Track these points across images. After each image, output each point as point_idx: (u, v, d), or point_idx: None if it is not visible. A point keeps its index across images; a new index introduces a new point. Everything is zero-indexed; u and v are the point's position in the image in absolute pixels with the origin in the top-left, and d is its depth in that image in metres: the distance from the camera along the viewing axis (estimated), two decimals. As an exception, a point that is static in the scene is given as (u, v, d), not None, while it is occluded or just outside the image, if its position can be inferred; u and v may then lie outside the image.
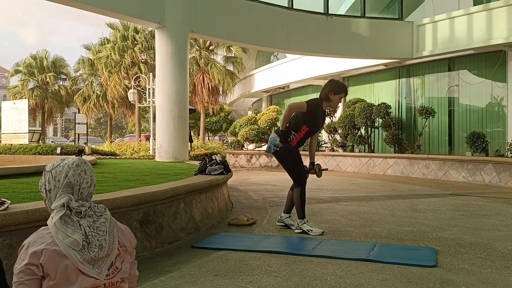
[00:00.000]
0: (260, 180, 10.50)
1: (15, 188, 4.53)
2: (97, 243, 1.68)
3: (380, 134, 14.58)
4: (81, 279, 1.61)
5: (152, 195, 3.96)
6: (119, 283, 1.75)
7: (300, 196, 4.71)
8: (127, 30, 26.67)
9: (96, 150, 14.88)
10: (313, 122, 4.68)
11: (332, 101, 4.75)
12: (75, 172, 1.77)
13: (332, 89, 4.69)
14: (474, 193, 8.31)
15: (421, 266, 3.44)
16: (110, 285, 1.69)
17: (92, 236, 1.67)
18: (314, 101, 4.73)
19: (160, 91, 10.42)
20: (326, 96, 4.73)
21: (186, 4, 10.39)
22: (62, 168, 1.76)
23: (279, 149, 4.67)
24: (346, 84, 4.92)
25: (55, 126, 64.93)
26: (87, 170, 1.80)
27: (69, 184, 1.75)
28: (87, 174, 1.80)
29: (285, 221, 4.89)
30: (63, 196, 1.71)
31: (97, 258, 1.66)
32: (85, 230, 1.67)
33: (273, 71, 20.33)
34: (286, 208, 4.93)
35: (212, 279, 3.14)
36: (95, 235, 1.69)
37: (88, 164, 1.81)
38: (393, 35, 13.39)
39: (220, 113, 34.94)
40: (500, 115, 12.34)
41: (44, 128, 35.92)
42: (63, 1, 8.96)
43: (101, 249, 1.68)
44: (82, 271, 1.61)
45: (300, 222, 4.70)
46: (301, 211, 4.70)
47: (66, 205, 1.69)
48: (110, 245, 1.72)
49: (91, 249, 1.66)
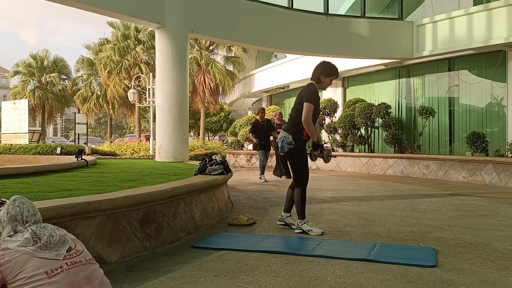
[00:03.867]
0: (260, 180, 10.50)
1: (15, 188, 4.53)
2: (47, 234, 2.07)
3: (380, 134, 14.58)
4: (37, 262, 1.97)
5: (152, 195, 3.96)
6: (87, 263, 2.13)
7: (301, 196, 4.71)
8: (128, 30, 26.67)
9: (96, 150, 14.89)
10: (314, 111, 4.64)
11: (323, 83, 4.73)
12: (13, 206, 2.16)
13: (323, 72, 4.70)
14: (474, 193, 8.31)
15: (421, 266, 3.44)
16: (74, 263, 2.05)
17: (40, 232, 2.05)
18: (310, 91, 4.66)
19: (160, 91, 10.42)
20: (317, 78, 4.72)
21: (186, 4, 10.39)
22: (4, 210, 2.16)
23: (292, 147, 4.66)
24: (336, 66, 4.86)
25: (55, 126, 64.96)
26: (24, 202, 2.20)
27: (12, 217, 2.12)
28: (25, 205, 2.19)
29: (286, 220, 4.90)
30: (9, 227, 2.11)
31: (51, 244, 2.04)
32: (33, 230, 2.06)
33: (273, 71, 20.32)
34: (286, 207, 4.94)
35: (212, 279, 3.14)
36: (42, 231, 2.07)
37: (24, 198, 2.23)
38: (393, 35, 13.39)
39: (220, 113, 34.96)
40: (500, 115, 12.34)
41: (44, 128, 35.94)
42: (63, 1, 8.97)
43: (52, 237, 2.07)
44: (40, 257, 1.98)
45: (300, 222, 4.71)
46: (301, 212, 4.70)
47: (12, 229, 2.09)
48: (61, 236, 2.10)
49: (42, 239, 2.03)
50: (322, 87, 4.78)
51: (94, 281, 2.10)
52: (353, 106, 14.29)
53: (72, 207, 3.17)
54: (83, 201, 3.32)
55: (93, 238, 3.34)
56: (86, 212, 3.30)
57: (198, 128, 31.97)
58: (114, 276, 3.16)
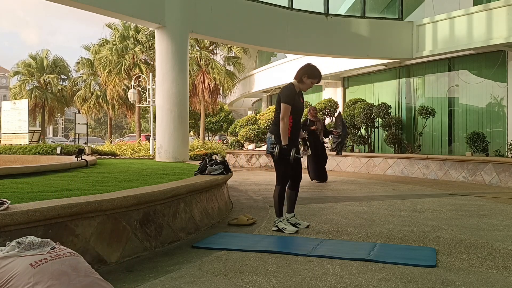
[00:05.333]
0: (260, 180, 10.50)
1: (15, 188, 4.53)
2: (30, 239, 2.20)
3: (380, 134, 14.58)
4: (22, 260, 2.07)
5: (152, 195, 3.96)
6: (72, 255, 2.20)
7: (279, 195, 4.79)
8: (127, 30, 26.65)
9: (96, 150, 14.88)
10: (294, 109, 4.70)
11: (305, 84, 4.78)
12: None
13: (306, 73, 4.76)
14: (474, 193, 8.31)
15: (421, 266, 3.44)
16: (58, 255, 2.14)
17: (23, 240, 2.19)
18: (285, 92, 4.72)
19: (160, 91, 10.42)
20: (299, 78, 4.78)
21: (186, 4, 10.39)
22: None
23: (274, 146, 4.70)
24: (320, 71, 4.88)
25: (55, 126, 64.97)
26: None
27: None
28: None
29: (290, 220, 4.92)
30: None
31: (35, 246, 2.16)
32: (16, 240, 2.20)
33: (273, 71, 20.33)
34: (288, 207, 4.98)
35: (212, 279, 3.14)
36: (25, 239, 2.20)
37: None
38: (393, 35, 13.39)
39: (220, 113, 34.95)
40: (500, 115, 12.34)
41: (44, 128, 35.92)
42: (63, 1, 8.97)
43: (34, 240, 2.20)
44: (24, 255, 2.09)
45: (277, 220, 4.81)
46: (278, 209, 4.80)
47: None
48: (43, 240, 2.22)
49: (24, 243, 2.16)
50: (302, 87, 4.83)
51: (80, 270, 2.14)
52: (353, 106, 14.29)
53: (72, 207, 3.17)
54: (83, 201, 3.32)
55: (93, 238, 3.34)
56: (86, 212, 3.30)
57: (198, 128, 31.96)
58: (114, 276, 3.16)
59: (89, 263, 2.32)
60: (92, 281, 2.14)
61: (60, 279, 2.01)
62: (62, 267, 2.06)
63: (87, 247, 3.27)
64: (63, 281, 2.01)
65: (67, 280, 2.02)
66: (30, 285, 1.95)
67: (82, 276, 2.10)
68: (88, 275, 2.15)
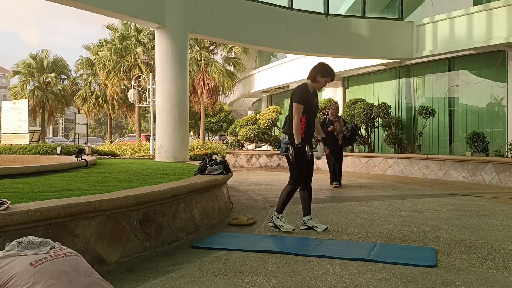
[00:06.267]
0: (260, 180, 10.50)
1: (15, 188, 4.53)
2: (29, 238, 2.21)
3: (380, 134, 14.58)
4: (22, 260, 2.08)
5: (152, 195, 3.96)
6: (72, 255, 2.21)
7: (288, 193, 4.77)
8: (127, 30, 26.63)
9: (96, 150, 14.89)
10: (307, 108, 4.72)
11: (318, 83, 4.83)
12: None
13: (319, 71, 4.81)
14: (474, 193, 8.30)
15: (421, 266, 3.44)
16: (58, 255, 2.15)
17: (22, 240, 2.20)
18: (298, 92, 4.76)
19: (160, 91, 10.42)
20: (313, 77, 4.83)
21: (186, 4, 10.39)
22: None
23: (288, 146, 4.69)
24: (333, 70, 4.92)
25: (55, 126, 64.97)
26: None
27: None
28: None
29: (308, 223, 4.87)
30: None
31: (34, 245, 2.17)
32: (16, 240, 2.21)
33: (273, 71, 20.32)
34: (304, 210, 4.92)
35: (212, 279, 3.14)
36: (24, 239, 2.21)
37: None
38: (393, 35, 13.39)
39: (220, 113, 34.95)
40: (500, 115, 12.34)
41: (44, 128, 35.91)
42: (63, 1, 8.97)
43: (34, 239, 2.21)
44: (24, 255, 2.10)
45: (275, 215, 4.80)
46: (281, 206, 4.79)
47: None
48: (43, 239, 2.23)
49: (24, 242, 2.17)
50: (316, 86, 4.87)
51: (80, 270, 2.14)
52: (353, 106, 14.29)
53: (72, 207, 3.17)
54: (83, 201, 3.32)
55: (93, 238, 3.34)
56: (86, 212, 3.30)
57: (198, 128, 31.97)
58: (114, 276, 3.16)
59: (89, 263, 2.32)
60: (92, 281, 2.14)
61: (60, 279, 2.02)
62: (62, 266, 2.07)
63: (87, 247, 3.27)
64: (63, 280, 2.02)
65: (67, 279, 2.03)
66: (30, 284, 1.96)
67: (82, 275, 2.11)
68: (88, 275, 2.15)
